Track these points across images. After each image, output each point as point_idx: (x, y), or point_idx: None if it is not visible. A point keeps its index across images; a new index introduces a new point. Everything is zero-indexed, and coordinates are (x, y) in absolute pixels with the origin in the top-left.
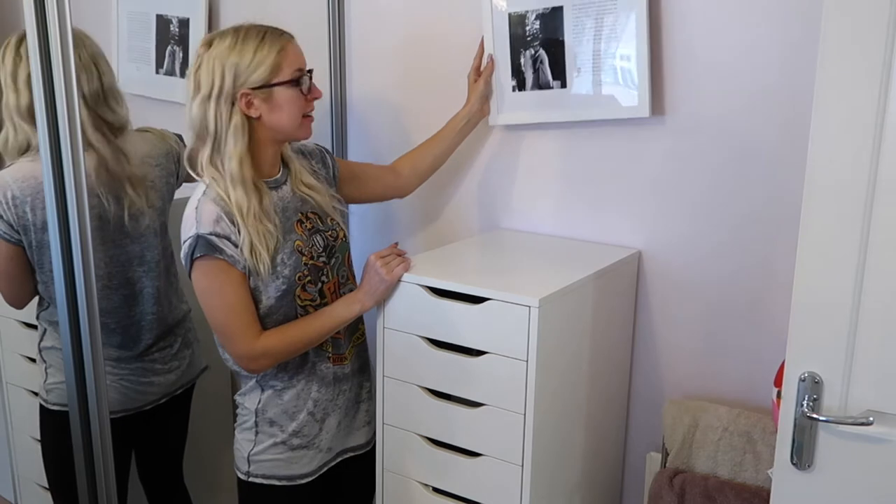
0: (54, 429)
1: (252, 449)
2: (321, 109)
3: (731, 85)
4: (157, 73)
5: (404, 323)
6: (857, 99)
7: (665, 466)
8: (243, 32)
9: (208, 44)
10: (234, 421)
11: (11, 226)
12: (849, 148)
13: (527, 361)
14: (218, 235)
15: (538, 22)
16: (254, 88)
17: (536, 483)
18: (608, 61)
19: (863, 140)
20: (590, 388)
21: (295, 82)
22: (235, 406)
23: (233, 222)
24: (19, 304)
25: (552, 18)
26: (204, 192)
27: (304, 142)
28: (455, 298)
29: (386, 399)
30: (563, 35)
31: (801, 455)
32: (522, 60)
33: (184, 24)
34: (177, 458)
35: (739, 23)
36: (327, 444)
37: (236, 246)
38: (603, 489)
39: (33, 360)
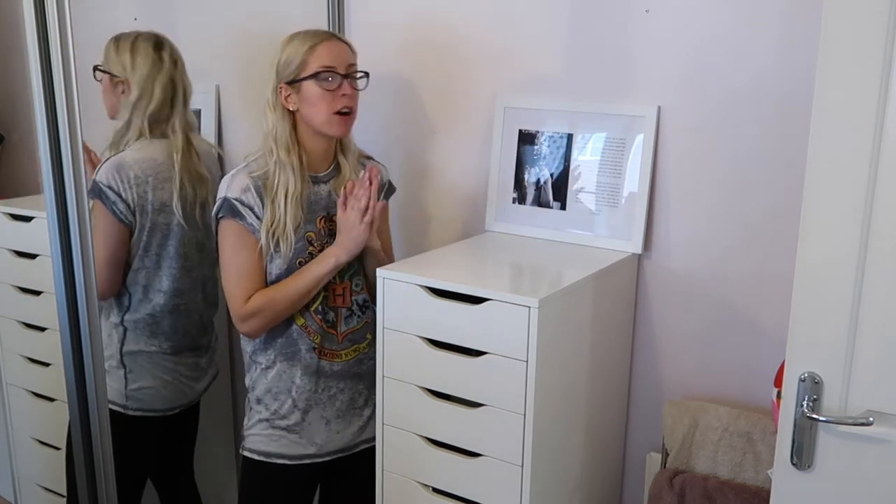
0: (134, 435)
1: (247, 423)
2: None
3: (729, 88)
4: None
5: (404, 323)
6: (857, 98)
7: (665, 467)
8: (296, 33)
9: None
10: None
11: (129, 206)
12: (849, 148)
13: (527, 361)
14: (242, 203)
15: (547, 143)
16: (287, 83)
17: (536, 483)
18: (609, 194)
19: (863, 140)
20: (590, 388)
21: (316, 77)
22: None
23: (261, 197)
24: (115, 291)
25: (561, 143)
26: (245, 165)
27: (382, 168)
28: (455, 299)
29: (386, 399)
30: (569, 161)
31: (801, 455)
32: (526, 176)
33: (196, 114)
34: (191, 452)
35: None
36: (313, 439)
37: (258, 218)
38: (603, 489)
39: (33, 361)
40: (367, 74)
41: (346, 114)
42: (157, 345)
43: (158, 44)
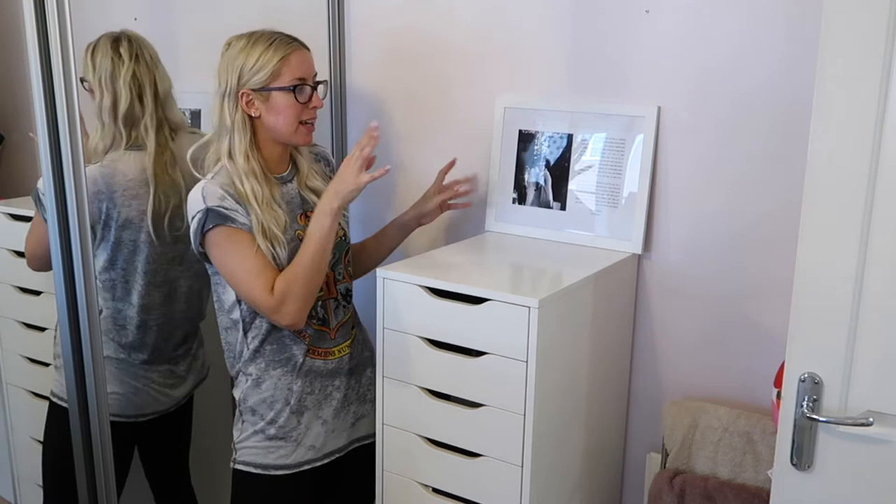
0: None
1: (238, 437)
2: (321, 109)
3: (729, 88)
4: None
5: (404, 323)
6: (857, 99)
7: (665, 467)
8: (256, 37)
9: (228, 44)
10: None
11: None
12: (849, 147)
13: (527, 362)
14: (225, 208)
15: (546, 144)
16: (254, 90)
17: (536, 483)
18: (609, 194)
19: (863, 140)
20: (590, 389)
21: (291, 89)
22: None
23: (238, 203)
24: (43, 270)
25: (561, 143)
26: (211, 178)
27: (322, 151)
28: (455, 299)
29: (386, 399)
30: (569, 161)
31: (801, 455)
32: (526, 177)
33: (196, 115)
34: (185, 457)
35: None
36: (310, 442)
37: (247, 219)
38: (603, 489)
39: (33, 361)
40: (325, 83)
41: (309, 123)
42: (125, 354)
43: (116, 40)
